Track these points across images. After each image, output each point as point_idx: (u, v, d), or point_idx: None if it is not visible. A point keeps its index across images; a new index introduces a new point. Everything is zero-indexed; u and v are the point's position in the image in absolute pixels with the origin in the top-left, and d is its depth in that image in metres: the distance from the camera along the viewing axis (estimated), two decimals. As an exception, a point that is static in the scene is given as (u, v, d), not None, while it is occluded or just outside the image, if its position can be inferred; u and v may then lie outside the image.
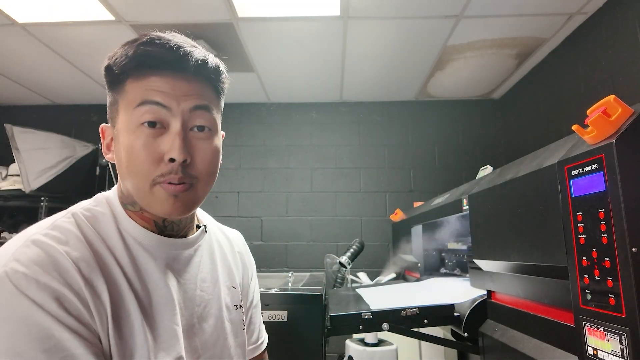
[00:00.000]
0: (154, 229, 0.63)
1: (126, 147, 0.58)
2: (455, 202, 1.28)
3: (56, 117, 3.11)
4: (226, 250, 0.79)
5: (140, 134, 0.57)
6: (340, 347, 1.85)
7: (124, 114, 0.59)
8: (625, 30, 1.73)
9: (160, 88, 0.58)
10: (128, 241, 0.61)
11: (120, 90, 0.60)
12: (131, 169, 0.58)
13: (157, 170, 0.57)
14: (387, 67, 2.53)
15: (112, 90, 0.61)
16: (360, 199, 2.95)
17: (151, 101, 0.57)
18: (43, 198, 2.52)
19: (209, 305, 0.68)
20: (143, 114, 0.57)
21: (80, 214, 0.60)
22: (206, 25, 2.05)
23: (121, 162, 0.60)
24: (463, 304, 1.10)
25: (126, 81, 0.59)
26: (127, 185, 0.60)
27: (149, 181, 0.57)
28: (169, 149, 0.57)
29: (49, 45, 2.23)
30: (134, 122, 0.57)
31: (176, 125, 0.58)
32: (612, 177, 0.58)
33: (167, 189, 0.58)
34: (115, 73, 0.59)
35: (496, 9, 1.90)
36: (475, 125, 3.00)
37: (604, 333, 0.60)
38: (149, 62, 0.58)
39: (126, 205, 0.63)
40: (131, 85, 0.58)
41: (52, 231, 0.55)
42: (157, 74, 0.58)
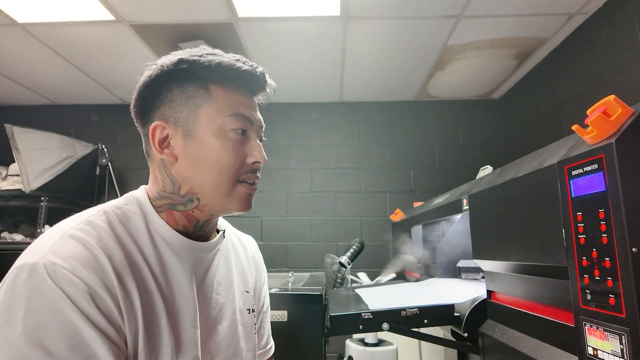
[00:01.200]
0: (189, 229, 0.66)
1: (216, 148, 0.62)
2: (455, 202, 1.28)
3: (56, 117, 3.11)
4: (241, 255, 0.81)
5: (232, 139, 0.63)
6: (340, 347, 1.85)
7: (212, 118, 0.63)
8: (625, 30, 1.72)
9: (246, 103, 0.67)
10: (157, 241, 0.62)
11: (200, 94, 0.63)
12: (218, 168, 0.62)
13: (241, 170, 0.64)
14: (387, 67, 2.53)
15: (184, 87, 0.64)
16: (360, 199, 2.95)
17: (243, 115, 0.65)
18: (43, 198, 2.52)
19: (224, 309, 0.69)
20: (234, 123, 0.64)
21: (111, 211, 0.61)
22: (206, 25, 2.05)
23: (200, 161, 0.63)
24: (463, 304, 1.10)
25: (211, 88, 0.64)
26: (201, 182, 0.63)
27: (233, 180, 0.64)
28: (253, 153, 0.65)
29: (49, 45, 2.23)
30: (225, 127, 0.63)
31: (256, 136, 0.67)
32: (612, 177, 0.58)
33: (248, 188, 0.65)
34: (196, 76, 0.63)
35: (496, 9, 1.90)
36: (475, 125, 3.00)
37: (604, 333, 0.60)
38: (240, 78, 0.66)
39: (175, 206, 0.65)
40: (220, 93, 0.64)
41: (87, 227, 0.56)
42: (238, 89, 0.66)
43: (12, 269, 0.51)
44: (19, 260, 0.51)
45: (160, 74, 0.63)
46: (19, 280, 0.49)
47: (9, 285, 0.49)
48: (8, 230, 2.61)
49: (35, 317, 0.47)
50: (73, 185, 2.68)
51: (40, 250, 0.52)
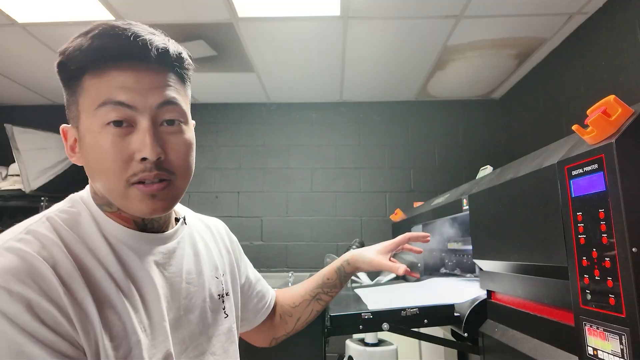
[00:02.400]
0: (134, 227, 0.61)
1: (93, 148, 0.55)
2: (455, 202, 1.28)
3: (56, 117, 3.08)
4: (208, 240, 0.77)
5: (106, 134, 0.54)
6: (340, 347, 1.85)
7: (86, 114, 0.55)
8: (625, 30, 1.72)
9: (123, 84, 0.54)
10: (110, 240, 0.58)
11: (79, 88, 0.56)
12: (102, 171, 0.55)
13: (129, 170, 0.55)
14: (387, 67, 2.53)
15: (69, 87, 0.57)
16: (360, 199, 2.95)
17: (114, 101, 0.54)
18: (43, 198, 2.52)
19: (195, 297, 0.67)
20: (107, 114, 0.54)
21: (55, 216, 0.57)
22: (206, 25, 2.05)
23: (90, 165, 0.57)
24: (463, 304, 1.10)
25: (83, 77, 0.55)
26: (99, 187, 0.58)
27: (122, 183, 0.55)
28: (140, 147, 0.54)
29: (49, 45, 2.23)
30: (98, 122, 0.54)
31: (144, 123, 0.55)
32: (612, 177, 0.58)
33: (142, 190, 0.55)
34: (71, 69, 0.55)
35: (496, 9, 1.90)
36: (475, 125, 3.00)
37: (604, 333, 0.60)
38: (107, 54, 0.53)
39: (102, 207, 0.60)
40: (90, 82, 0.55)
41: (27, 236, 0.52)
42: (117, 67, 0.54)
43: None
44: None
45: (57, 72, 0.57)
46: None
47: None
48: (8, 230, 2.61)
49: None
50: (73, 186, 2.66)
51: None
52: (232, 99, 3.04)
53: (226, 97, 3.02)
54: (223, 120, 3.07)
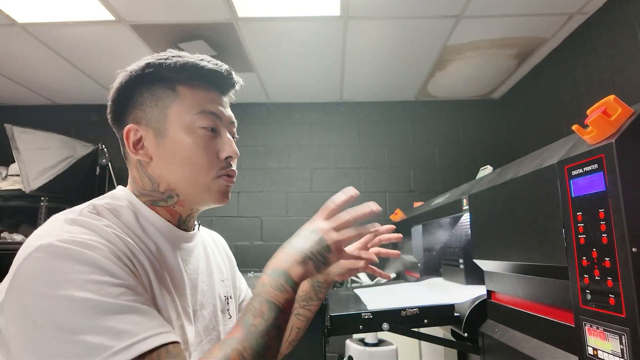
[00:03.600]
0: (174, 223, 0.69)
1: (186, 146, 0.65)
2: (455, 202, 1.28)
3: (56, 117, 3.11)
4: (213, 247, 0.85)
5: (201, 136, 0.66)
6: (340, 347, 1.85)
7: (180, 117, 0.65)
8: (625, 30, 1.72)
9: (214, 100, 0.69)
10: (148, 230, 0.65)
11: (167, 95, 0.66)
12: (192, 165, 0.65)
13: (217, 165, 0.67)
14: (387, 67, 2.53)
15: (152, 93, 0.66)
16: (360, 199, 2.94)
17: (211, 112, 0.67)
18: (43, 198, 2.52)
19: (207, 295, 0.73)
20: (202, 120, 0.66)
21: (100, 205, 0.62)
22: (206, 25, 2.05)
23: (174, 159, 0.65)
24: (463, 304, 1.10)
25: (177, 88, 0.66)
26: (177, 179, 0.66)
27: (211, 175, 0.66)
28: (226, 148, 0.68)
29: (49, 45, 2.23)
30: (194, 125, 0.66)
31: (226, 131, 0.70)
32: (612, 177, 0.58)
33: (227, 181, 0.68)
34: (162, 78, 0.66)
35: (496, 9, 1.90)
36: (475, 125, 3.00)
37: (604, 333, 0.60)
38: (205, 77, 0.68)
39: (157, 202, 0.67)
40: (187, 93, 0.66)
41: (90, 210, 0.59)
42: (206, 87, 0.68)
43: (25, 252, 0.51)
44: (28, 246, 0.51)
45: (130, 80, 0.66)
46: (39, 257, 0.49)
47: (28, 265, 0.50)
48: (8, 230, 2.61)
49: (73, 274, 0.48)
50: (73, 186, 2.68)
51: (50, 234, 0.52)
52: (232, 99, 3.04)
53: (226, 97, 3.02)
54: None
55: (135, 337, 0.47)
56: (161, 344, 0.49)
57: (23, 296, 0.48)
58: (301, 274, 0.61)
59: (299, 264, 0.62)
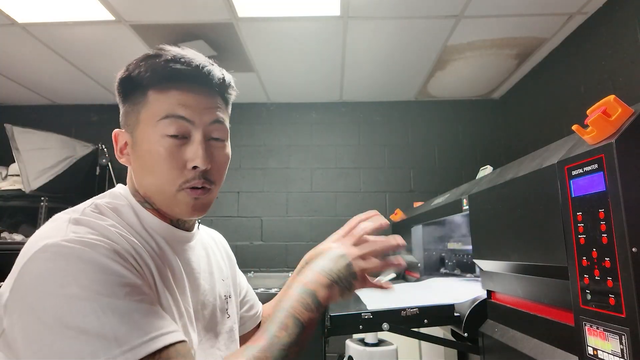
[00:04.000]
0: (170, 224, 0.68)
1: (151, 155, 0.62)
2: (455, 202, 1.28)
3: (56, 117, 3.11)
4: (213, 246, 0.84)
5: (164, 144, 0.62)
6: (340, 347, 1.85)
7: (147, 124, 0.63)
8: (625, 30, 1.72)
9: (185, 102, 0.63)
10: (150, 229, 0.65)
11: (140, 101, 0.64)
12: (156, 175, 0.62)
13: (181, 176, 0.62)
14: (387, 67, 2.53)
15: (129, 99, 0.65)
16: (360, 199, 2.95)
17: (176, 115, 0.62)
18: (43, 198, 2.52)
19: (208, 294, 0.72)
20: (168, 127, 0.62)
21: (102, 204, 0.62)
22: (206, 25, 2.05)
23: (144, 168, 0.64)
24: (463, 304, 1.10)
25: (147, 92, 0.63)
26: (149, 188, 0.65)
27: (175, 186, 0.62)
28: (193, 157, 0.62)
29: (49, 45, 2.23)
30: (159, 132, 0.62)
31: (198, 137, 0.63)
32: (612, 177, 0.58)
33: (191, 194, 0.63)
34: (136, 84, 0.63)
35: (496, 9, 1.90)
36: (475, 125, 3.00)
37: (604, 333, 0.60)
38: (175, 78, 0.63)
39: (144, 204, 0.66)
40: (154, 97, 0.63)
41: (93, 210, 0.59)
42: (179, 88, 0.63)
43: (29, 252, 0.50)
44: (32, 245, 0.51)
45: (118, 84, 0.66)
46: (45, 257, 0.49)
47: (33, 264, 0.49)
48: (8, 230, 2.61)
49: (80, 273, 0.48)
50: (73, 186, 2.68)
51: (55, 233, 0.52)
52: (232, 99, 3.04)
53: (226, 97, 3.02)
54: (223, 120, 3.07)
55: (144, 336, 0.47)
56: (170, 343, 0.49)
57: (29, 296, 0.48)
58: (327, 297, 0.63)
59: (326, 287, 0.63)
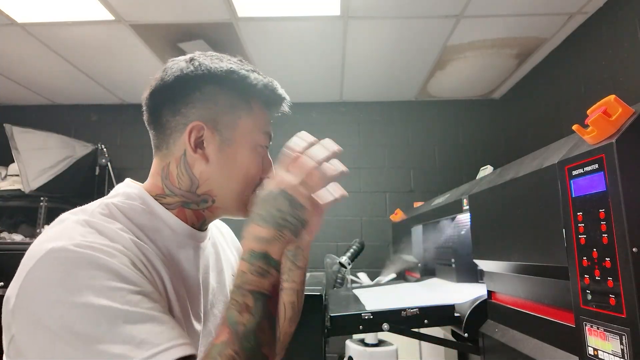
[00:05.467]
0: (195, 227, 0.68)
1: (248, 159, 0.67)
2: (456, 202, 1.28)
3: (56, 117, 3.10)
4: (222, 241, 0.84)
5: (260, 154, 0.69)
6: (340, 347, 1.85)
7: (249, 131, 0.68)
8: (625, 29, 1.72)
9: (270, 123, 0.73)
10: (163, 232, 0.63)
11: (243, 106, 0.68)
12: (243, 177, 0.67)
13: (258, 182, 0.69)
14: (387, 67, 2.53)
15: (229, 98, 0.67)
16: (360, 199, 2.95)
17: (269, 133, 0.72)
18: (43, 198, 2.52)
19: (218, 293, 0.73)
20: (265, 140, 0.71)
21: (112, 204, 0.61)
22: (206, 25, 2.05)
23: (231, 168, 0.66)
24: (463, 304, 1.10)
25: (251, 102, 0.69)
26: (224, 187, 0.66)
27: (252, 189, 0.68)
28: (269, 169, 0.71)
29: (49, 45, 2.23)
30: (258, 142, 0.69)
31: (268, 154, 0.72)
32: (612, 177, 0.58)
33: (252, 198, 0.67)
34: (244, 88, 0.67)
35: (496, 9, 1.90)
36: (475, 125, 3.00)
37: (604, 333, 0.59)
38: (277, 102, 0.74)
39: (188, 205, 0.66)
40: (259, 111, 0.70)
41: (104, 210, 0.58)
42: (269, 113, 0.73)
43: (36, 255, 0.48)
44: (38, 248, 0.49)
45: (204, 75, 0.65)
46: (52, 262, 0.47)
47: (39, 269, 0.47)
48: (8, 231, 2.61)
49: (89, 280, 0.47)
50: (72, 186, 2.67)
51: (63, 236, 0.50)
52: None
53: (226, 97, 3.02)
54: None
55: (157, 347, 0.46)
56: (182, 356, 0.47)
57: (36, 303, 0.46)
58: (281, 249, 0.54)
59: (275, 239, 0.54)
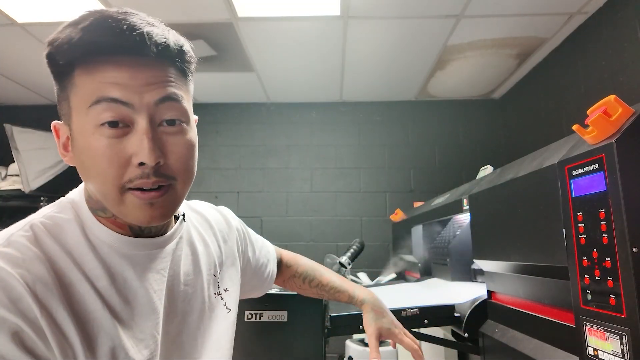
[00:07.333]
0: (129, 234, 0.57)
1: (87, 150, 0.50)
2: (456, 202, 1.28)
3: (56, 117, 3.09)
4: (205, 234, 0.73)
5: (100, 136, 0.49)
6: (340, 347, 1.85)
7: (78, 113, 0.50)
8: (625, 29, 1.72)
9: (117, 80, 0.49)
10: (101, 250, 0.54)
11: (69, 84, 0.51)
12: (96, 175, 0.50)
13: (125, 175, 0.50)
14: (387, 67, 2.53)
15: (59, 82, 0.53)
16: (360, 199, 2.95)
17: (108, 98, 0.49)
18: (42, 198, 2.52)
19: (193, 299, 0.65)
20: (101, 114, 0.49)
21: (40, 224, 0.52)
22: (206, 25, 2.05)
23: (83, 167, 0.52)
24: (463, 304, 1.10)
25: (74, 72, 0.51)
26: (93, 191, 0.54)
27: (117, 188, 0.50)
28: (137, 151, 0.49)
29: (48, 45, 2.23)
30: (91, 122, 0.49)
31: (142, 123, 0.50)
32: (612, 177, 0.58)
33: (140, 197, 0.51)
34: (59, 63, 0.51)
35: (496, 8, 1.90)
36: (475, 125, 3.00)
37: (604, 333, 0.59)
38: (99, 48, 0.49)
39: (97, 212, 0.56)
40: (81, 78, 0.50)
41: (6, 249, 0.47)
42: (110, 62, 0.49)
43: None
44: None
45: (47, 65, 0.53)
46: None
47: None
48: (8, 230, 2.61)
49: None
50: (72, 186, 2.67)
51: None
52: (232, 98, 3.04)
53: (226, 97, 3.02)
54: (223, 120, 3.07)
55: None
56: None
57: None
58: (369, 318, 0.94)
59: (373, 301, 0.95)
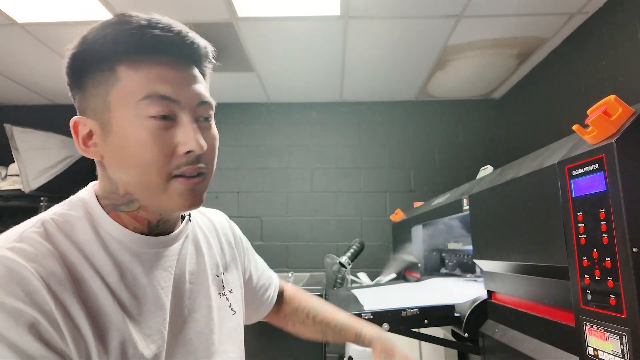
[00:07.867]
0: (144, 230, 0.60)
1: (131, 141, 0.53)
2: (456, 202, 1.28)
3: (56, 117, 3.09)
4: (210, 235, 0.76)
5: (149, 127, 0.53)
6: (341, 347, 1.85)
7: (122, 107, 0.53)
8: (625, 29, 1.72)
9: (164, 78, 0.54)
10: (111, 247, 0.56)
11: (110, 78, 0.54)
12: (139, 165, 0.54)
13: (171, 163, 0.54)
14: (387, 67, 2.53)
15: (88, 79, 0.55)
16: (360, 199, 2.95)
17: (160, 95, 0.53)
18: (43, 198, 2.52)
19: (199, 297, 0.66)
20: (150, 107, 0.53)
21: (51, 221, 0.55)
22: (206, 25, 2.05)
23: (123, 159, 0.55)
24: (463, 304, 1.10)
25: (116, 68, 0.54)
26: (130, 183, 0.56)
27: (163, 176, 0.54)
28: (186, 140, 0.54)
29: (49, 45, 2.23)
30: (140, 114, 0.53)
31: (187, 118, 0.55)
32: (612, 177, 0.58)
33: (185, 183, 0.55)
34: (98, 59, 0.54)
35: (496, 8, 1.90)
36: (475, 125, 3.00)
37: (604, 333, 0.59)
38: (152, 48, 0.54)
39: (118, 207, 0.58)
40: (126, 73, 0.53)
41: (20, 244, 0.50)
42: (157, 61, 0.54)
43: None
44: None
45: (69, 62, 0.55)
46: None
47: None
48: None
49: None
50: (73, 186, 2.66)
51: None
52: (232, 98, 3.04)
53: (226, 97, 3.02)
54: (223, 120, 3.07)
55: None
56: None
57: None
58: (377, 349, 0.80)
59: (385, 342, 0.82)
